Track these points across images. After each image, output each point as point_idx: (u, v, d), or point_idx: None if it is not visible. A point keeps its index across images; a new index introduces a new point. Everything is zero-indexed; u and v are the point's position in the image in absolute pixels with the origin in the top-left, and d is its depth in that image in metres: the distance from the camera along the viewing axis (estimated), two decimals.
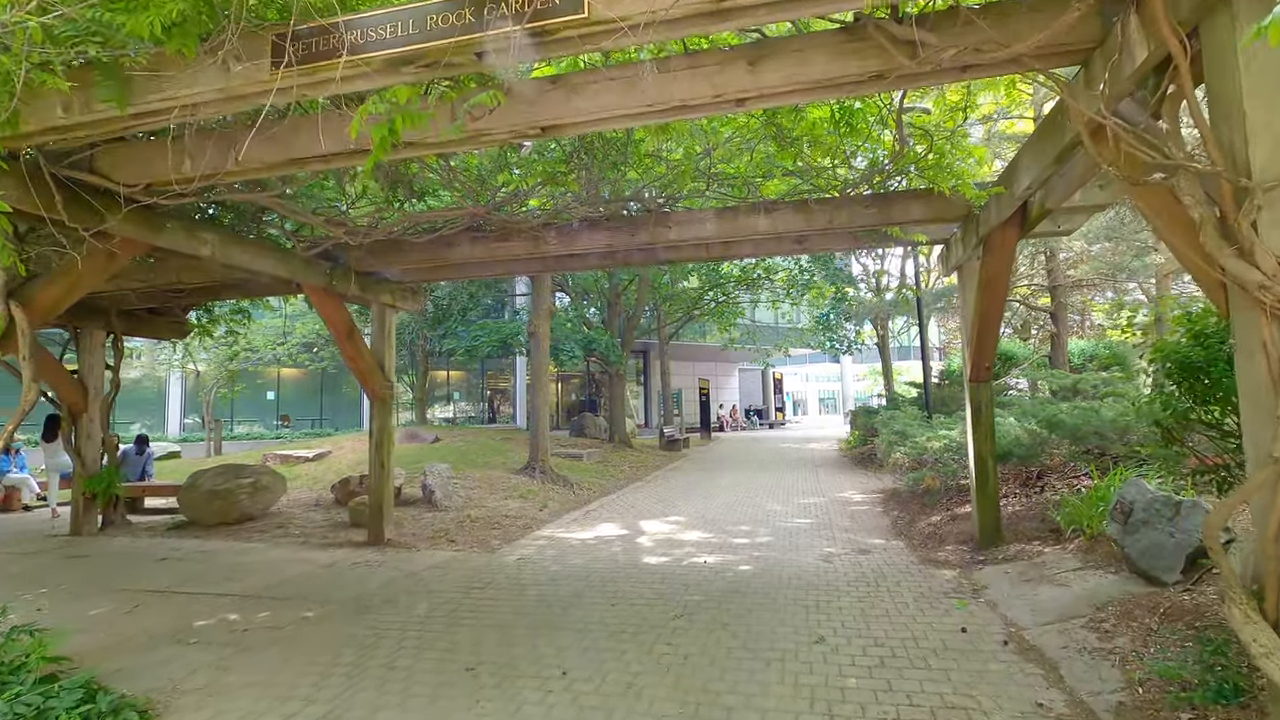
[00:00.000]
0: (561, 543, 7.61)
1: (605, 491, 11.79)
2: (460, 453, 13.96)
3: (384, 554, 7.13)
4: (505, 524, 8.68)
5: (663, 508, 9.97)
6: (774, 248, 6.78)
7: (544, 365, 12.20)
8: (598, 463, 15.24)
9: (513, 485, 11.17)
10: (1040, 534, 6.01)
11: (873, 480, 12.62)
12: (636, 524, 8.67)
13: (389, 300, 7.74)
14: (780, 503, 10.16)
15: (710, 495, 11.10)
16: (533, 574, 6.18)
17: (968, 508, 7.40)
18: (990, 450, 6.14)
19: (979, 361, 6.12)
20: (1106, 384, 9.37)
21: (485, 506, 9.73)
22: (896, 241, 6.36)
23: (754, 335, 30.17)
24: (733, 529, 8.15)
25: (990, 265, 5.51)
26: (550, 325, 12.52)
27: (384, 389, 7.61)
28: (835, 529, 8.01)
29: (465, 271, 7.57)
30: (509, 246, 6.58)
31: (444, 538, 7.87)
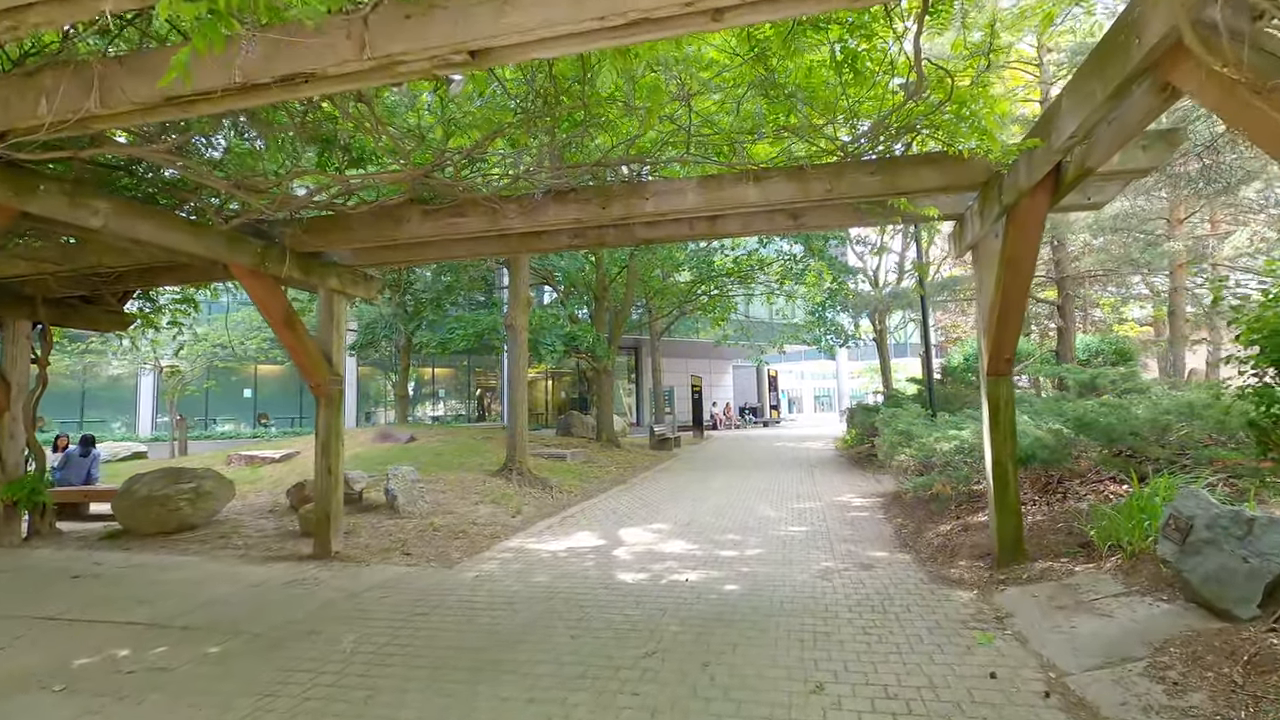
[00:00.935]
0: (529, 555, 6.84)
1: (586, 495, 11.01)
2: (435, 453, 13.17)
3: (328, 569, 6.34)
4: (471, 533, 7.90)
5: (646, 513, 9.20)
6: (765, 225, 6.00)
7: (521, 360, 11.41)
8: (582, 463, 14.46)
9: (486, 489, 10.38)
10: (1068, 549, 5.26)
11: (872, 482, 11.88)
12: (615, 533, 7.90)
13: (336, 285, 6.94)
14: (773, 507, 9.41)
15: (699, 499, 10.34)
16: (489, 595, 5.41)
17: (981, 516, 6.66)
18: (1011, 453, 5.39)
19: (998, 353, 5.37)
20: (1125, 379, 8.65)
21: (453, 513, 8.94)
22: (904, 217, 5.60)
23: (748, 331, 29.45)
24: (720, 538, 7.39)
25: (1015, 240, 4.75)
26: (529, 318, 11.72)
27: (330, 384, 6.82)
28: (833, 538, 7.26)
29: (421, 253, 6.77)
30: (464, 222, 5.79)
31: (399, 549, 7.09)
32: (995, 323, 5.21)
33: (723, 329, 27.78)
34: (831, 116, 4.46)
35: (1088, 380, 8.57)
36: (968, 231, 5.65)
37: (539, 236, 6.49)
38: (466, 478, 11.01)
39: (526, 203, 5.61)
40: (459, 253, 6.75)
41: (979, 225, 5.32)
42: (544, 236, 6.48)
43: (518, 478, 11.05)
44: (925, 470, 7.15)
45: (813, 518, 8.53)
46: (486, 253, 6.75)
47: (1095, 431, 5.54)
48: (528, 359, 11.58)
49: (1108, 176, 4.94)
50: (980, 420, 8.47)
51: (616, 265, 16.86)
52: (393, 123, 4.33)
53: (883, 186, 5.06)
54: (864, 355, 50.46)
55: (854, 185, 5.10)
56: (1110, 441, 5.58)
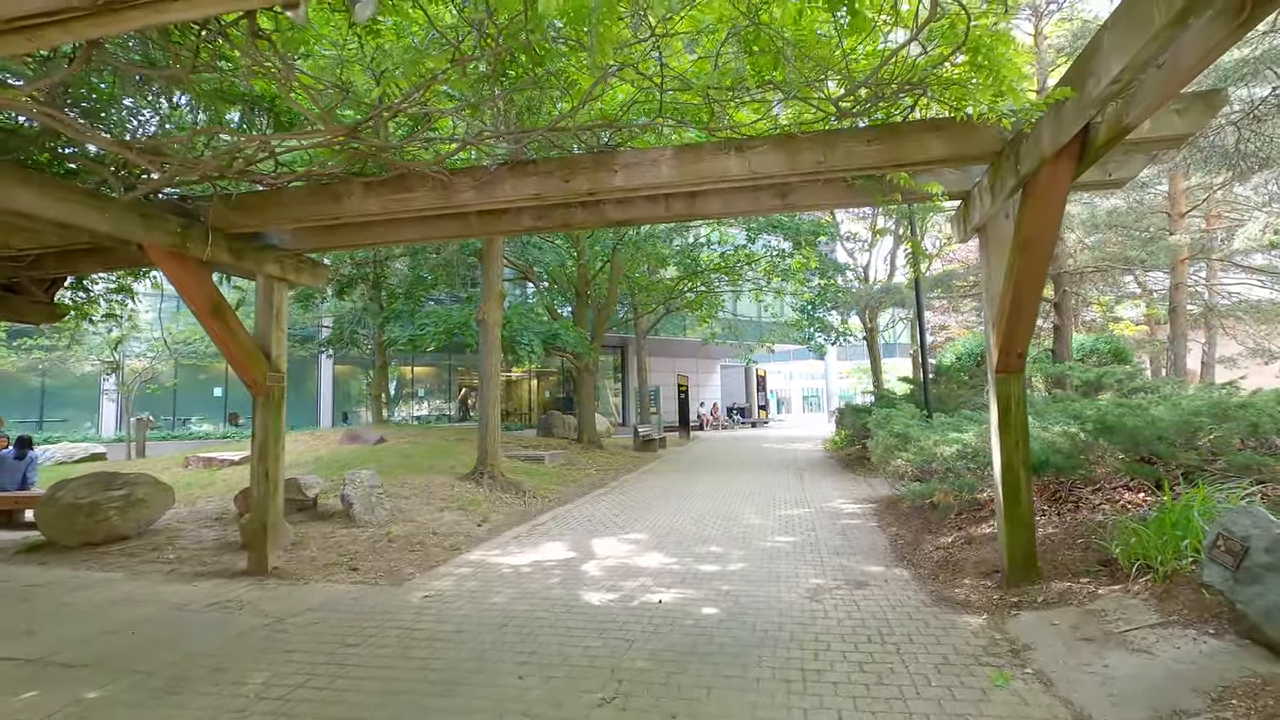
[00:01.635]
0: (490, 571, 6.19)
1: (561, 500, 10.36)
2: (404, 455, 12.47)
3: (260, 589, 5.66)
4: (430, 544, 7.23)
5: (624, 521, 8.57)
6: (750, 204, 5.38)
7: (494, 357, 10.74)
8: (560, 466, 13.81)
9: (453, 494, 9.71)
10: (1088, 568, 4.69)
11: (863, 486, 11.31)
12: (587, 544, 7.26)
13: (276, 272, 6.26)
14: (759, 514, 8.80)
15: (681, 505, 9.72)
16: (434, 621, 4.75)
17: (986, 528, 6.08)
18: (1023, 459, 4.80)
19: (1009, 347, 4.78)
20: (1131, 377, 8.13)
21: (413, 521, 8.27)
22: (904, 195, 5.00)
23: (736, 330, 28.92)
24: (701, 551, 6.77)
25: (1032, 218, 4.16)
26: (503, 312, 11.06)
27: (268, 380, 6.13)
28: (823, 550, 6.66)
29: (370, 235, 6.10)
30: (412, 198, 5.13)
31: (347, 564, 6.41)
32: (1007, 313, 4.62)
33: (710, 327, 27.26)
34: (825, 71, 3.84)
35: (1093, 379, 8.04)
36: (974, 211, 5.06)
37: (499, 217, 5.84)
38: (434, 482, 10.34)
39: (480, 175, 4.96)
40: (411, 234, 6.08)
41: (989, 203, 4.73)
42: (504, 216, 5.83)
43: (489, 482, 10.39)
44: (924, 476, 6.57)
45: (801, 526, 7.94)
46: (442, 235, 6.08)
47: (1120, 435, 4.97)
48: (501, 355, 10.91)
49: (1135, 147, 4.36)
50: (982, 422, 7.92)
51: (600, 259, 16.21)
52: (308, 64, 3.66)
53: (881, 157, 4.45)
54: (852, 355, 50.10)
55: (849, 156, 4.49)
56: (1136, 446, 5.01)
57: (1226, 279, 16.87)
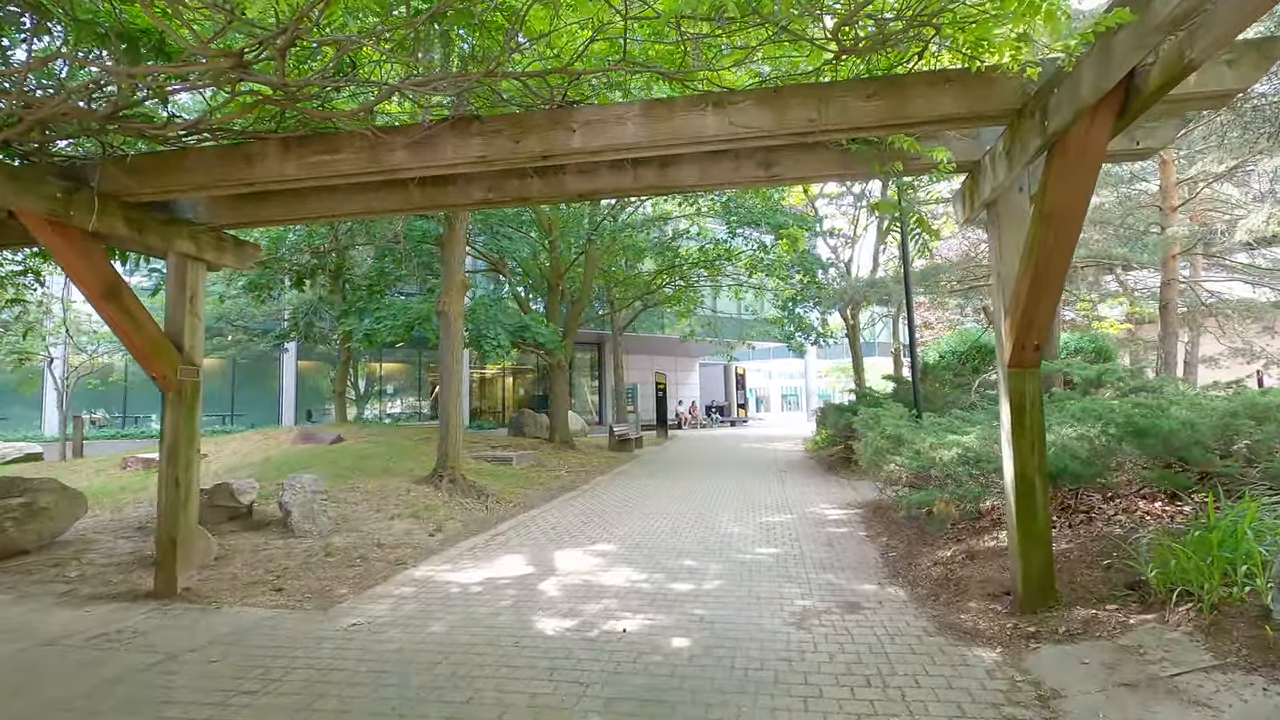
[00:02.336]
0: (434, 591, 5.46)
1: (526, 506, 9.64)
2: (361, 457, 11.65)
3: (162, 616, 4.88)
4: (373, 558, 6.48)
5: (592, 529, 7.88)
6: (730, 174, 4.72)
7: (455, 352, 9.98)
8: (529, 468, 13.07)
9: (409, 499, 8.95)
10: (1112, 592, 4.10)
11: (847, 490, 10.74)
12: (549, 557, 6.56)
13: (190, 250, 5.45)
14: (739, 521, 8.17)
15: (654, 511, 9.05)
16: (358, 657, 4.03)
17: (988, 541, 5.49)
18: (1039, 466, 4.20)
19: (1026, 338, 4.17)
20: (1134, 375, 7.63)
21: (359, 531, 7.50)
22: (906, 163, 4.37)
23: (715, 327, 28.36)
24: (674, 565, 6.11)
25: (1061, 184, 3.54)
26: (464, 304, 10.29)
27: (178, 374, 5.34)
28: (809, 564, 6.03)
29: (301, 207, 5.32)
30: (338, 160, 4.39)
31: (273, 583, 5.64)
32: (1024, 299, 4.01)
33: (689, 324, 26.67)
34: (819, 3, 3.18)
35: (1093, 377, 7.52)
36: (984, 184, 4.45)
37: (445, 188, 5.11)
38: (389, 485, 9.56)
39: (414, 132, 4.23)
40: (347, 208, 5.32)
41: (1003, 173, 4.12)
42: (451, 188, 5.10)
43: (448, 486, 9.63)
44: (920, 482, 5.98)
45: (784, 535, 7.31)
46: (383, 209, 5.33)
47: (1152, 439, 4.39)
48: (464, 350, 10.14)
49: (1173, 106, 3.77)
50: (976, 422, 7.36)
51: (574, 249, 15.48)
52: None
53: (882, 114, 3.80)
54: (832, 355, 49.90)
55: (845, 113, 3.84)
56: (1170, 451, 4.44)
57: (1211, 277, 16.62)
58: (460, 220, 9.82)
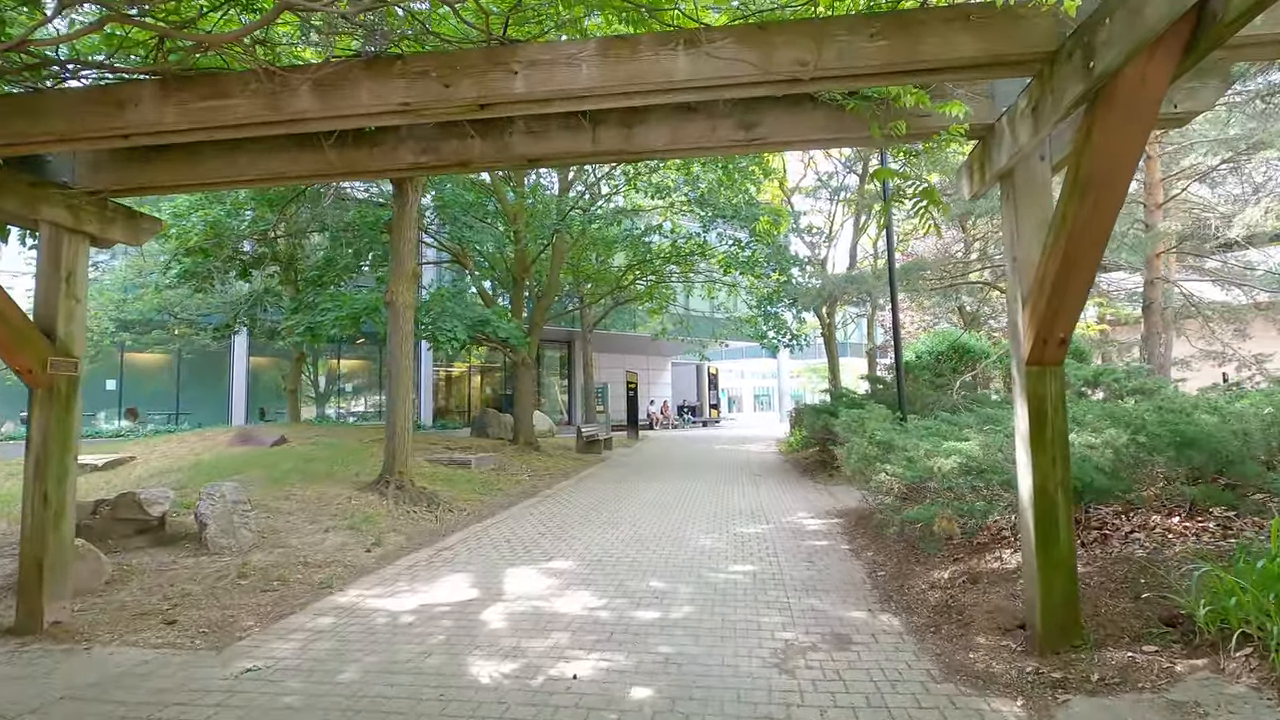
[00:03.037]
0: (358, 621, 4.68)
1: (481, 515, 8.85)
2: (304, 460, 10.73)
3: (12, 661, 4.02)
4: (294, 580, 5.66)
5: (549, 543, 7.14)
6: (704, 135, 4.03)
7: (405, 345, 9.15)
8: (489, 471, 12.25)
9: (349, 509, 8.10)
10: (1148, 628, 3.51)
11: (824, 496, 10.17)
12: (497, 577, 5.80)
13: (66, 220, 4.58)
14: (711, 532, 7.50)
15: (619, 520, 8.34)
16: (240, 716, 3.24)
17: (992, 561, 4.88)
18: (1063, 481, 3.59)
19: (1049, 329, 3.56)
20: (1131, 376, 7.16)
21: (285, 546, 6.66)
22: (910, 127, 3.72)
23: (688, 325, 27.75)
24: (638, 587, 5.40)
25: (1107, 139, 2.92)
26: (416, 294, 9.45)
27: (48, 368, 4.47)
28: (789, 585, 5.38)
29: (198, 169, 4.48)
30: (229, 107, 3.59)
31: (165, 615, 4.80)
32: (1050, 283, 3.39)
33: (661, 322, 26.02)
34: None
35: (1090, 376, 7.02)
36: (998, 151, 3.82)
37: (366, 149, 4.32)
38: (329, 493, 8.69)
39: (320, 70, 3.45)
40: (253, 172, 4.49)
41: (1025, 135, 3.49)
42: (374, 149, 4.32)
43: (395, 493, 8.80)
44: (915, 494, 5.36)
45: (760, 549, 6.66)
46: (297, 174, 4.52)
47: (1196, 450, 3.82)
48: (414, 344, 9.31)
49: (1231, 52, 3.18)
50: (962, 425, 6.80)
51: (541, 240, 14.68)
52: None
53: (888, 57, 3.15)
54: (805, 355, 49.75)
55: (842, 55, 3.17)
56: (1219, 463, 3.88)
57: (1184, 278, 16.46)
58: (410, 202, 8.99)
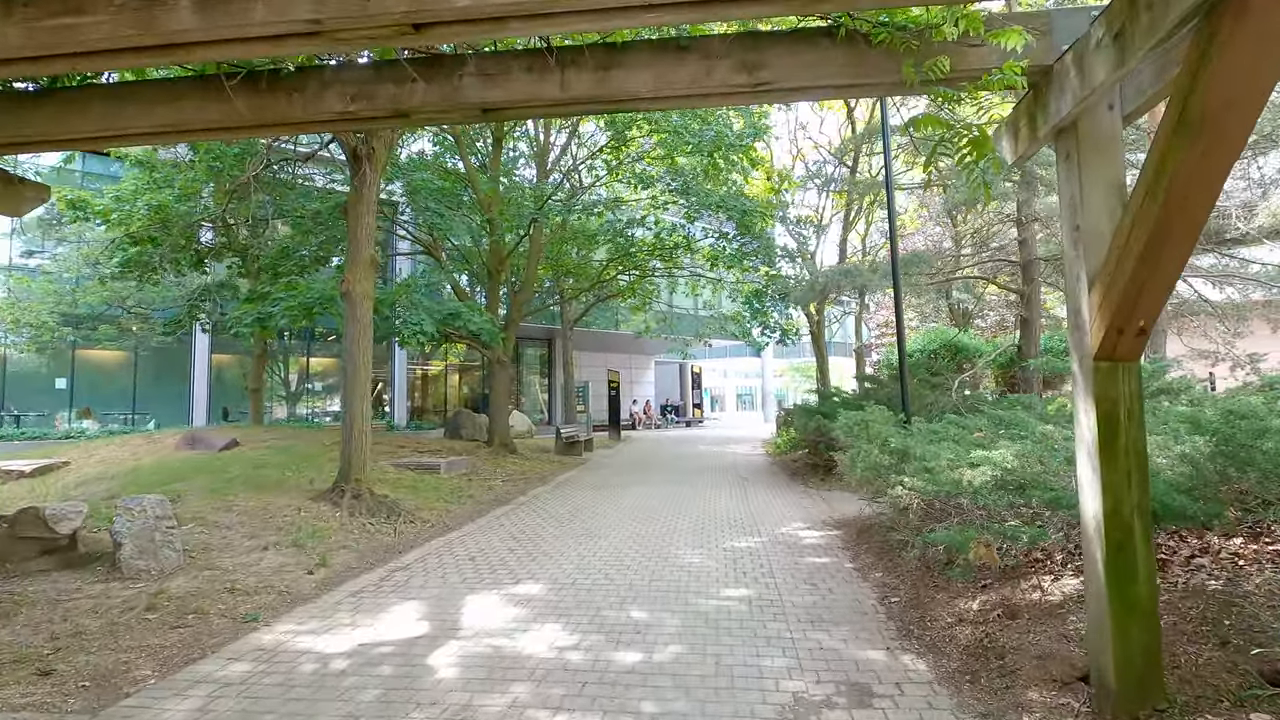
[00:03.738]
0: (279, 668, 3.88)
1: (445, 527, 8.05)
2: (254, 466, 9.85)
3: None
4: (214, 613, 4.84)
5: (519, 560, 6.37)
6: (698, 79, 3.28)
7: (363, 340, 8.31)
8: (459, 476, 11.44)
9: (296, 521, 7.27)
10: (1246, 686, 2.83)
11: (819, 503, 9.51)
12: (455, 606, 5.02)
13: None
14: (699, 547, 6.78)
15: (597, 531, 7.59)
16: None
17: (1031, 591, 4.19)
18: (1141, 505, 2.92)
19: (1125, 316, 2.86)
20: (1154, 376, 6.57)
21: (215, 568, 5.82)
22: (955, 64, 3.01)
23: (671, 323, 27.05)
24: (617, 619, 4.66)
25: (1234, 63, 2.22)
26: (375, 283, 8.61)
27: None
28: (790, 615, 4.67)
29: (70, 120, 3.66)
30: (85, 26, 2.78)
31: (40, 662, 3.96)
32: (1134, 257, 2.69)
33: (644, 319, 25.29)
34: None
35: None
36: (1060, 97, 3.11)
37: (283, 95, 3.52)
38: (276, 503, 7.85)
39: None
40: (145, 122, 3.67)
41: (1103, 70, 2.78)
42: (293, 95, 3.52)
43: (351, 503, 7.97)
44: (936, 510, 4.66)
45: (754, 568, 5.95)
46: (196, 125, 3.69)
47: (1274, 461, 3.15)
48: (372, 338, 8.48)
49: None
50: (972, 429, 6.15)
51: (518, 229, 13.86)
52: None
53: None
54: (789, 354, 49.31)
55: None
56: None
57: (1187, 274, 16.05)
58: (368, 181, 8.15)
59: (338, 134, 8.12)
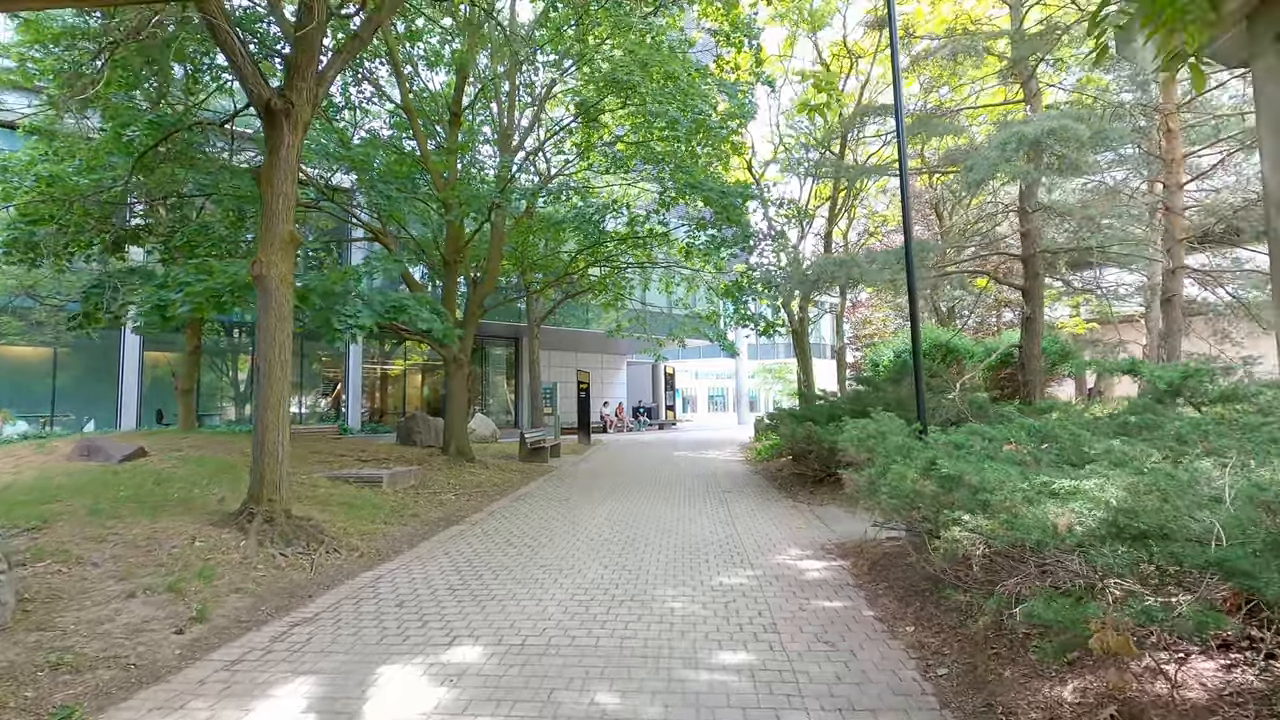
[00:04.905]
0: None
1: (376, 557, 6.72)
2: (156, 481, 8.38)
3: None
4: (15, 707, 3.48)
5: (457, 608, 5.09)
6: None
7: (279, 332, 6.93)
8: (404, 490, 10.07)
9: (188, 554, 5.89)
10: None
11: (812, 520, 8.38)
12: (358, 689, 3.73)
13: None
14: (682, 585, 5.58)
15: (558, 565, 6.33)
16: None
17: (1157, 680, 3.06)
18: None
19: None
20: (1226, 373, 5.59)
21: (51, 627, 4.44)
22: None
23: (644, 321, 25.86)
24: (576, 709, 3.43)
25: None
26: (295, 264, 7.21)
27: None
28: (809, 696, 3.49)
29: None
30: None
31: None
32: None
33: (616, 318, 24.09)
34: None
35: (1177, 379, 5.38)
36: None
37: None
38: (168, 530, 6.44)
39: None
40: None
41: None
42: None
43: (262, 528, 6.60)
44: (1004, 561, 3.51)
45: (752, 616, 4.76)
46: None
47: None
48: (291, 329, 7.11)
49: None
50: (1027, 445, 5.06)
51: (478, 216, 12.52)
52: None
53: None
54: (761, 354, 48.50)
55: None
56: None
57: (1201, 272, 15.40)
58: (285, 142, 6.78)
59: (246, 85, 6.74)
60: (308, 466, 10.67)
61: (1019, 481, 3.43)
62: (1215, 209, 10.96)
